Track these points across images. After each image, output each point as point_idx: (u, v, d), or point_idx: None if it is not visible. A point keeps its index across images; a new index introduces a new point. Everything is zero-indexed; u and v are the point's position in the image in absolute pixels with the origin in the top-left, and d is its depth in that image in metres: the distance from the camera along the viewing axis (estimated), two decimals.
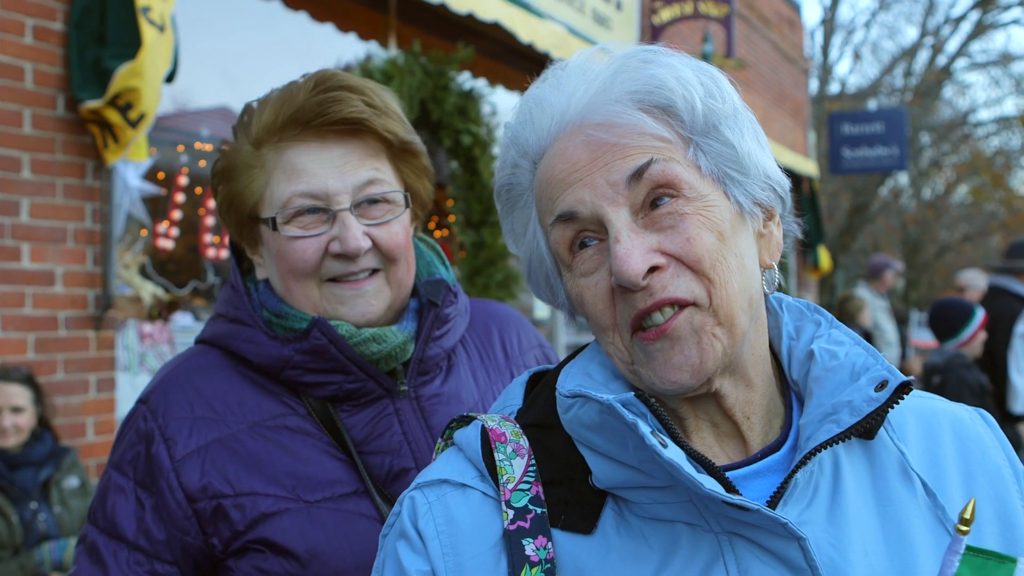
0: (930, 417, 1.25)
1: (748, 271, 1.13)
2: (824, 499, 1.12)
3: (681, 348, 1.09)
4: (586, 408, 1.10)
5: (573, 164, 1.11)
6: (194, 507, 1.55)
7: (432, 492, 1.18)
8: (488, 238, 6.53)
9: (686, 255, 1.08)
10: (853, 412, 1.11)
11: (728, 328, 1.10)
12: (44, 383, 4.62)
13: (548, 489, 1.15)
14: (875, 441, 1.19)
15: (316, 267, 1.63)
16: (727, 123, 1.13)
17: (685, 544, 1.09)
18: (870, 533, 1.12)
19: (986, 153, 26.15)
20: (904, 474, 1.18)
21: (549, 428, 1.19)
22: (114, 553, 1.55)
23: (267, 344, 1.63)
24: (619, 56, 1.15)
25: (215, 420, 1.60)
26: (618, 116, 1.10)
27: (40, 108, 4.77)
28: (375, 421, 1.65)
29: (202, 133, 6.05)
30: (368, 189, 1.63)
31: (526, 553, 1.10)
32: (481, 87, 6.70)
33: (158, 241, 5.67)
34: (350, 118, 1.61)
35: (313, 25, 6.68)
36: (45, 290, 4.80)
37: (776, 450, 1.16)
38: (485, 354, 1.88)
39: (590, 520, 1.12)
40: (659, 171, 1.08)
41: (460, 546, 1.13)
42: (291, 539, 1.53)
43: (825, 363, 1.18)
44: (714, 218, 1.10)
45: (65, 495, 4.38)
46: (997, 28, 26.92)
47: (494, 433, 1.19)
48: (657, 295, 1.08)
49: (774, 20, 14.81)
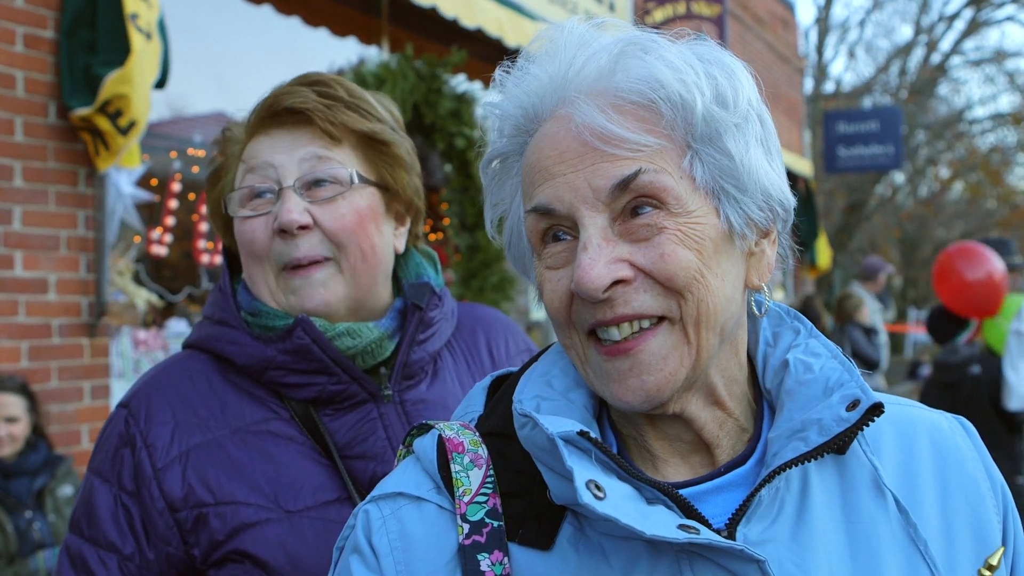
0: (907, 426, 1.20)
1: (727, 292, 1.07)
2: (789, 516, 1.08)
3: (639, 372, 1.05)
4: (537, 431, 1.05)
5: (561, 153, 1.05)
6: (175, 517, 1.53)
7: (387, 505, 1.14)
8: (483, 241, 6.52)
9: (658, 271, 1.03)
10: (822, 431, 1.06)
11: (695, 350, 1.06)
12: (38, 391, 4.62)
13: (506, 501, 1.11)
14: (847, 455, 1.15)
15: (266, 248, 1.62)
16: (732, 132, 1.06)
17: (644, 563, 1.05)
18: (837, 552, 1.08)
19: (982, 150, 26.19)
20: (876, 489, 1.13)
21: (508, 438, 1.14)
22: (103, 563, 1.53)
23: (250, 345, 1.62)
24: (621, 40, 1.08)
25: (197, 425, 1.58)
26: (611, 114, 1.03)
27: (32, 116, 4.77)
28: (359, 425, 1.63)
29: (195, 139, 6.04)
30: (315, 167, 1.62)
31: (481, 569, 1.06)
32: (475, 90, 6.70)
33: (152, 247, 5.66)
34: (293, 107, 1.62)
35: (306, 30, 6.69)
36: (38, 298, 4.80)
37: (742, 463, 1.12)
38: (471, 359, 1.86)
39: (548, 535, 1.08)
40: (647, 182, 1.02)
41: (413, 563, 1.09)
42: (270, 551, 1.51)
43: (799, 375, 1.13)
44: (695, 235, 1.04)
45: (60, 503, 4.37)
46: (991, 25, 26.97)
47: (451, 443, 1.15)
48: (618, 309, 1.04)
49: (768, 19, 14.83)
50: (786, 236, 1.17)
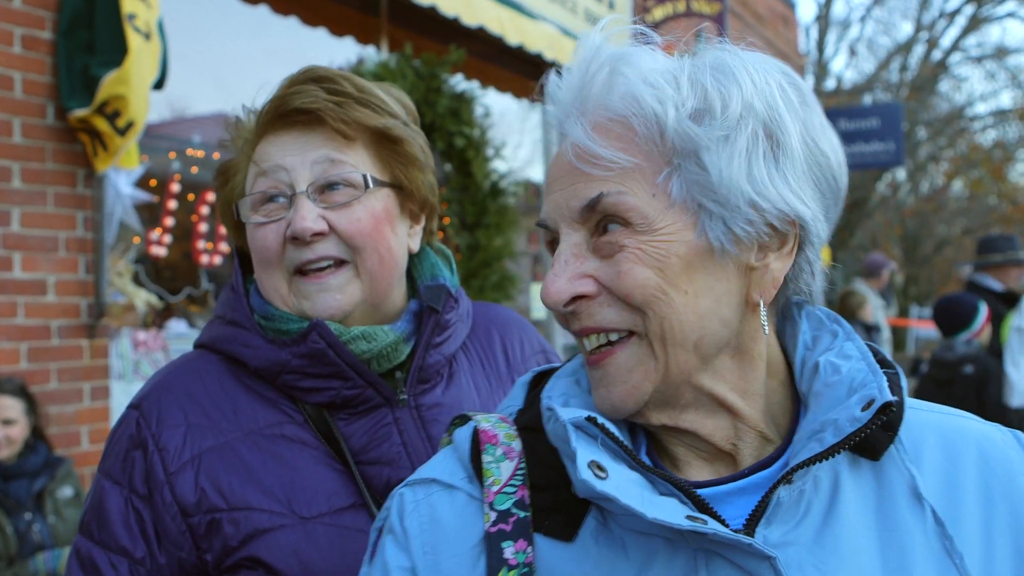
0: (955, 436, 1.18)
1: (703, 310, 1.07)
2: (815, 520, 1.08)
3: (607, 383, 1.10)
4: (558, 423, 1.09)
5: (556, 171, 1.13)
6: (188, 522, 1.50)
7: (421, 490, 1.19)
8: (483, 240, 6.51)
9: (616, 288, 1.07)
10: (836, 432, 1.06)
11: (662, 366, 1.07)
12: (37, 392, 4.61)
13: (535, 494, 1.14)
14: (885, 462, 1.13)
15: (279, 254, 1.59)
16: (714, 146, 1.05)
17: (662, 558, 1.07)
18: (867, 559, 1.07)
19: (984, 146, 26.15)
20: (913, 498, 1.11)
21: (540, 432, 1.17)
22: (114, 567, 1.51)
23: (264, 347, 1.59)
24: (613, 56, 1.10)
25: (209, 427, 1.55)
26: (591, 132, 1.08)
27: (30, 117, 4.76)
28: (373, 430, 1.60)
29: (194, 140, 6.04)
30: (328, 170, 1.59)
31: (504, 556, 1.10)
32: (474, 89, 6.69)
33: (151, 248, 5.65)
34: (303, 107, 1.58)
35: (304, 29, 6.68)
36: (37, 299, 4.79)
37: (767, 466, 1.12)
38: (487, 361, 1.83)
39: (571, 528, 1.12)
40: (610, 203, 1.06)
41: (440, 545, 1.14)
42: (284, 558, 1.49)
43: (827, 378, 1.13)
44: (657, 254, 1.05)
45: (59, 505, 4.37)
46: (992, 22, 26.89)
47: (486, 435, 1.19)
48: (583, 322, 1.10)
49: (768, 17, 14.81)
50: (810, 250, 1.14)
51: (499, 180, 6.55)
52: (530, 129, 9.39)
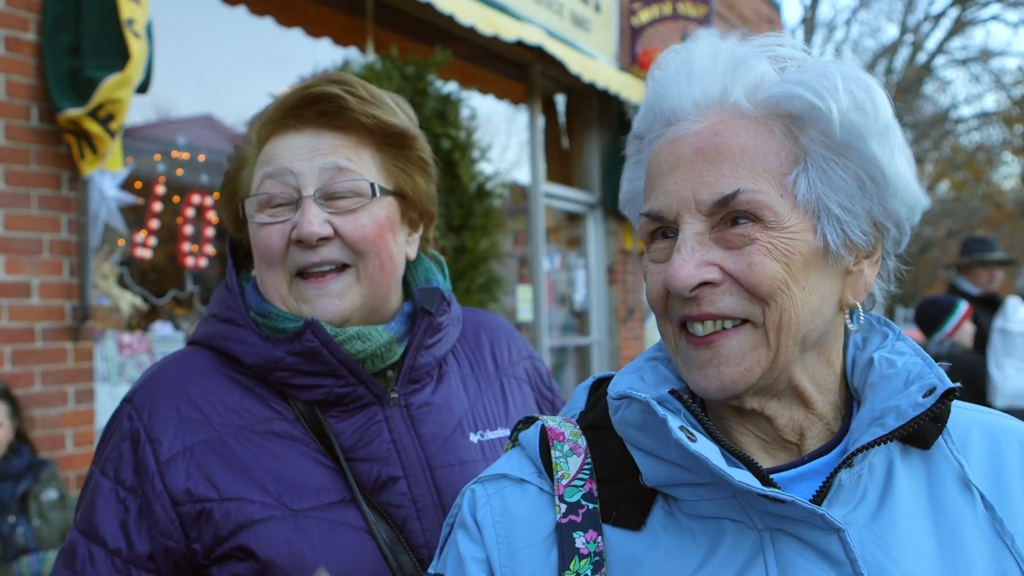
0: (997, 432, 1.26)
1: (813, 305, 1.13)
2: (871, 503, 1.15)
3: (718, 363, 1.13)
4: (631, 408, 1.15)
5: (676, 159, 1.14)
6: (178, 511, 1.52)
7: (492, 486, 1.26)
8: (469, 242, 6.51)
9: (745, 278, 1.11)
10: (899, 416, 1.13)
11: (773, 354, 1.13)
12: (21, 395, 4.59)
13: (602, 487, 1.21)
14: (934, 452, 1.21)
15: (282, 255, 1.63)
16: (879, 135, 1.11)
17: (729, 539, 1.13)
18: (923, 538, 1.14)
19: (967, 149, 26.30)
20: (963, 485, 1.19)
21: (605, 429, 1.24)
22: (90, 556, 1.53)
23: (258, 344, 1.62)
24: (743, 51, 1.16)
25: (201, 422, 1.58)
26: (725, 126, 1.12)
27: (14, 119, 4.74)
28: (364, 428, 1.63)
29: (179, 142, 6.01)
30: (335, 179, 1.62)
31: (576, 545, 1.16)
32: (460, 91, 6.69)
33: (136, 251, 5.63)
34: (323, 94, 1.61)
35: (289, 32, 6.67)
36: (21, 302, 4.77)
37: (825, 453, 1.19)
38: (476, 364, 1.87)
39: (640, 517, 1.17)
40: (744, 200, 1.10)
41: (514, 535, 1.19)
42: (274, 549, 1.51)
43: (883, 370, 1.20)
44: (785, 249, 1.11)
45: (44, 508, 4.35)
46: (976, 24, 27.10)
47: (553, 432, 1.26)
48: (703, 307, 1.12)
49: (754, 20, 14.86)
50: (892, 259, 1.23)
51: (485, 182, 6.55)
52: (516, 131, 9.40)
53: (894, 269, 1.25)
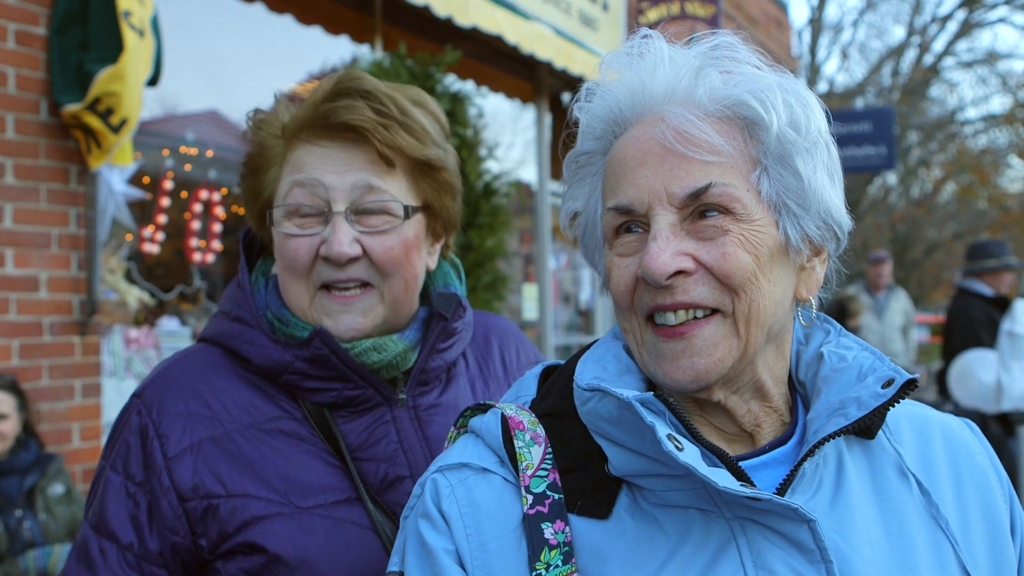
0: (922, 423, 1.34)
1: (776, 297, 1.18)
2: (828, 491, 1.20)
3: (691, 354, 1.15)
4: (604, 402, 1.15)
5: (644, 155, 1.17)
6: (185, 506, 1.53)
7: (453, 475, 1.23)
8: (476, 240, 6.50)
9: (718, 268, 1.14)
10: (860, 406, 1.18)
11: (743, 344, 1.16)
12: (29, 389, 4.60)
13: (564, 476, 1.21)
14: (874, 442, 1.27)
15: (308, 268, 1.62)
16: (803, 154, 1.17)
17: (698, 529, 1.15)
18: (873, 524, 1.19)
19: (973, 151, 26.25)
20: (900, 473, 1.26)
21: (564, 418, 1.24)
22: (102, 551, 1.54)
23: (268, 347, 1.62)
24: (704, 56, 1.20)
25: (210, 418, 1.59)
26: (692, 124, 1.14)
27: (23, 113, 4.75)
28: (371, 428, 1.64)
29: (188, 137, 6.02)
30: (366, 196, 1.60)
31: (545, 536, 1.16)
32: (468, 89, 6.69)
33: (144, 246, 5.64)
34: (353, 124, 1.58)
35: (299, 28, 6.67)
36: (29, 296, 4.78)
37: (783, 444, 1.23)
38: (485, 366, 1.88)
39: (606, 506, 1.18)
40: (716, 194, 1.13)
41: (483, 527, 1.18)
42: (280, 544, 1.51)
43: (834, 364, 1.26)
44: (755, 241, 1.15)
45: (50, 502, 4.36)
46: (983, 27, 27.04)
47: (513, 421, 1.25)
48: (677, 296, 1.15)
49: (761, 20, 14.85)
50: (835, 259, 1.29)
51: (492, 180, 6.54)
52: (522, 130, 9.39)
53: (834, 270, 1.30)
